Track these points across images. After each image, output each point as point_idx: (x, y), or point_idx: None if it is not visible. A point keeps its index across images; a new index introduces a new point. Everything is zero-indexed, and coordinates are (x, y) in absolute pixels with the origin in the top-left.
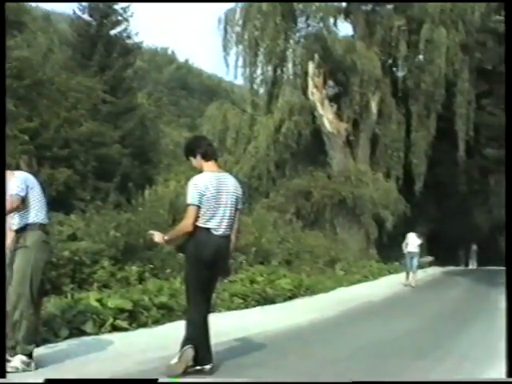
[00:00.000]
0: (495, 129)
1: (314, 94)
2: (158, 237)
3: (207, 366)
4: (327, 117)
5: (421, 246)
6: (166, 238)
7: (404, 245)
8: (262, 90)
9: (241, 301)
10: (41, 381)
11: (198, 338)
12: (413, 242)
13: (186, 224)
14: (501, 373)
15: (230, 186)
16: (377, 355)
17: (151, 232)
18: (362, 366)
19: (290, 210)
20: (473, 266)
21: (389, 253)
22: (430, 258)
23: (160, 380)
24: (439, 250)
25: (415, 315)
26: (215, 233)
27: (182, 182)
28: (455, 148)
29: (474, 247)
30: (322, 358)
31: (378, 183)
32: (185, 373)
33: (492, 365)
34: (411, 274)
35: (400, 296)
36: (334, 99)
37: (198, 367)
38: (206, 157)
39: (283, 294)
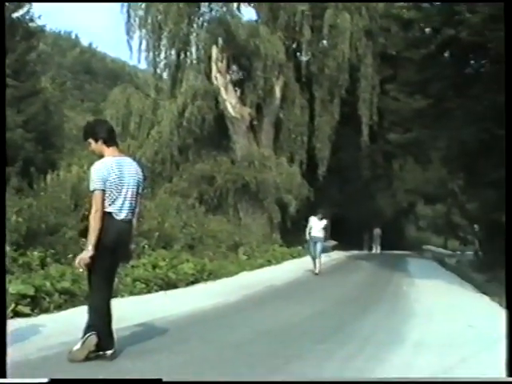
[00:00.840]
0: (399, 114)
1: (218, 79)
2: (85, 254)
3: (109, 352)
4: (230, 101)
5: (325, 229)
6: (90, 248)
7: (307, 229)
8: (165, 75)
9: (143, 286)
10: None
11: (100, 323)
12: (316, 226)
13: (96, 212)
14: (403, 356)
15: (132, 170)
16: (280, 339)
17: (77, 261)
18: (265, 350)
19: (192, 194)
20: (376, 250)
21: (292, 237)
22: (333, 242)
23: (164, 379)
24: (343, 235)
25: (318, 300)
26: (117, 217)
27: (85, 166)
28: (359, 133)
29: (378, 231)
30: (224, 343)
31: (282, 168)
32: (87, 358)
33: (394, 349)
34: (317, 261)
35: (303, 281)
36: (238, 84)
37: (101, 353)
38: (108, 142)
39: (186, 279)
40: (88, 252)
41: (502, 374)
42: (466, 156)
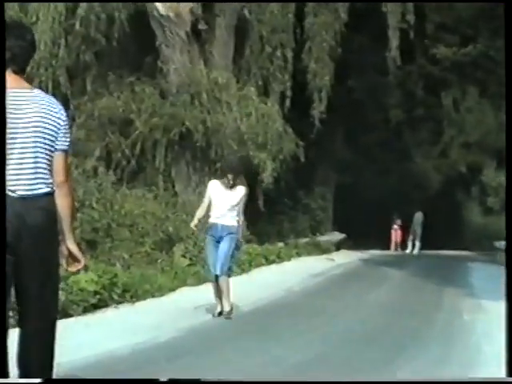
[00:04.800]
0: (453, 10)
1: None
2: None
3: None
4: None
5: (238, 209)
6: None
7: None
8: None
9: None
10: None
11: None
12: (220, 201)
13: None
14: None
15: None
16: None
17: None
18: None
19: (93, 152)
20: (414, 249)
21: (267, 226)
22: (338, 236)
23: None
24: (355, 222)
25: (306, 350)
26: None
27: None
28: (383, 45)
29: (418, 217)
30: None
31: (249, 104)
32: None
33: None
34: (222, 283)
35: (288, 310)
36: None
37: None
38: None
39: (83, 301)
40: None
41: None
42: None
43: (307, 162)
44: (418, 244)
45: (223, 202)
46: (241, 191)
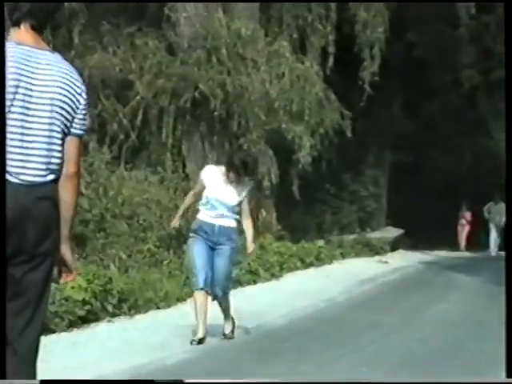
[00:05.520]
0: None
1: None
2: None
3: None
4: None
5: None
6: None
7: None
8: None
9: None
10: None
11: None
12: (218, 190)
13: None
14: None
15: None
16: None
17: None
18: None
19: None
20: (495, 249)
21: (304, 219)
22: (394, 232)
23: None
24: (417, 215)
25: None
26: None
27: None
28: None
29: (500, 208)
30: None
31: (282, 64)
32: None
33: None
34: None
35: (330, 325)
36: None
37: None
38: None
39: (71, 313)
40: None
41: None
42: None
43: (355, 137)
44: (497, 241)
45: (224, 197)
46: (246, 184)
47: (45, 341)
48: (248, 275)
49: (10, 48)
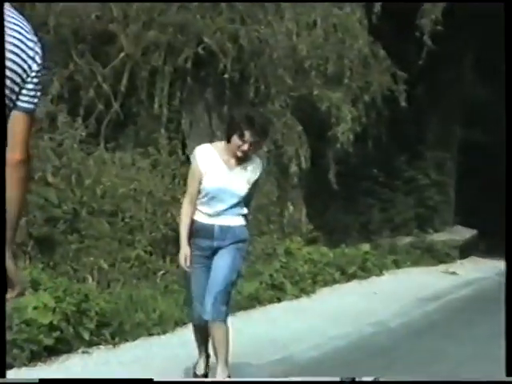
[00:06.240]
0: None
1: None
2: None
3: None
4: None
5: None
6: None
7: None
8: None
9: None
10: None
11: None
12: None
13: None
14: None
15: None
16: None
17: None
18: None
19: (48, 89)
20: None
21: (343, 218)
22: (464, 233)
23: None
24: (491, 211)
25: None
26: None
27: None
28: None
29: None
30: None
31: (313, 11)
32: None
33: None
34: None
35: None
36: None
37: None
38: None
39: (33, 342)
40: None
41: None
42: None
43: (412, 106)
44: None
45: (228, 185)
46: (256, 167)
47: None
48: (270, 291)
49: None
